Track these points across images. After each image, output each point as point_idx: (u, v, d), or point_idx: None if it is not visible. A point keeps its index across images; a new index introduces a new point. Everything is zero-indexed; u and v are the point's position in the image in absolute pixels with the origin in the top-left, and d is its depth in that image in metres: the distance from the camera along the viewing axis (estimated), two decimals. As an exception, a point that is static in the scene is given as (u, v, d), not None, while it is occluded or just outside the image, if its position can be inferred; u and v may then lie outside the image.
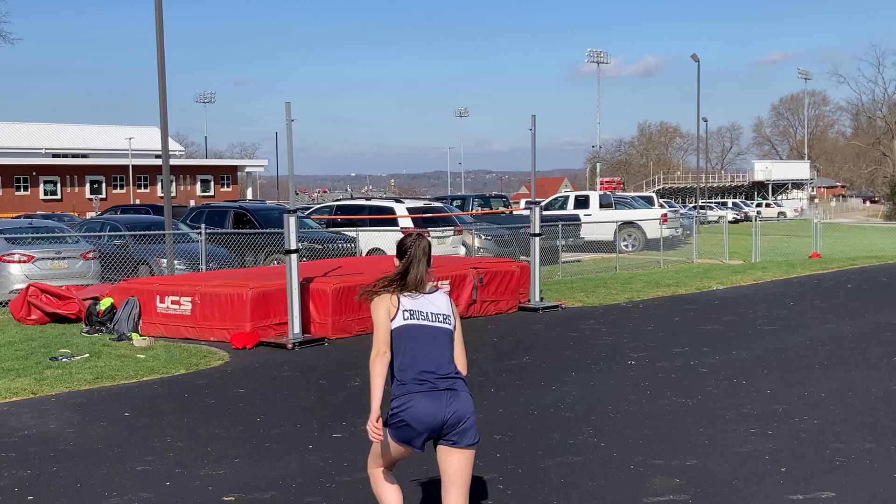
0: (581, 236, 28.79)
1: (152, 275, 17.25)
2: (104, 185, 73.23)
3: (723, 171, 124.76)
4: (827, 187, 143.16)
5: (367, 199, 27.91)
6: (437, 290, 4.86)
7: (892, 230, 56.88)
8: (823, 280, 20.47)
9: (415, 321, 4.64)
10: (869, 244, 37.76)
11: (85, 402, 8.87)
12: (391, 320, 4.63)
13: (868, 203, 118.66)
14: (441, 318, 4.71)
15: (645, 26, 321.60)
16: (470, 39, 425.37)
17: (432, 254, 4.92)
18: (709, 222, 54.79)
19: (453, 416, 4.53)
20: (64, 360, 10.84)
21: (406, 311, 4.65)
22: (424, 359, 4.58)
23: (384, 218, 21.75)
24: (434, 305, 4.73)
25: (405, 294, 4.70)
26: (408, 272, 4.73)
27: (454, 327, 4.77)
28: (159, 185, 73.01)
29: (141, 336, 12.32)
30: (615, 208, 33.14)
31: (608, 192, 41.05)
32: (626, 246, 30.82)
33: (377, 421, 4.46)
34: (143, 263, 18.10)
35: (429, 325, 4.66)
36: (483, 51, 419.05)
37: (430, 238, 5.08)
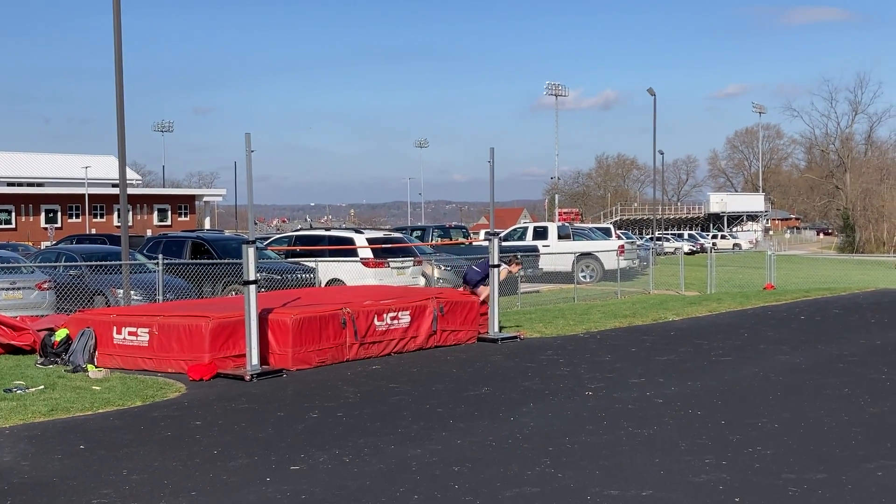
0: (540, 267, 28.97)
1: (108, 306, 17.08)
2: (60, 214, 72.52)
3: (679, 203, 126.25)
4: (781, 219, 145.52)
5: (327, 229, 27.88)
6: None
7: (845, 262, 57.90)
8: (777, 311, 20.76)
9: None
10: (822, 276, 38.41)
11: (39, 435, 8.76)
12: None
13: (822, 235, 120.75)
14: None
15: (604, 60, 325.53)
16: (430, 71, 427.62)
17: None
18: (665, 254, 55.38)
19: None
20: (18, 391, 10.69)
21: None
22: None
23: (344, 248, 21.74)
24: None
25: None
26: None
27: None
28: (116, 214, 72.35)
29: (97, 367, 12.19)
30: (573, 239, 33.43)
31: (566, 224, 41.38)
32: (584, 277, 31.07)
33: None
34: (98, 294, 17.93)
35: None
36: (443, 82, 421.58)
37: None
